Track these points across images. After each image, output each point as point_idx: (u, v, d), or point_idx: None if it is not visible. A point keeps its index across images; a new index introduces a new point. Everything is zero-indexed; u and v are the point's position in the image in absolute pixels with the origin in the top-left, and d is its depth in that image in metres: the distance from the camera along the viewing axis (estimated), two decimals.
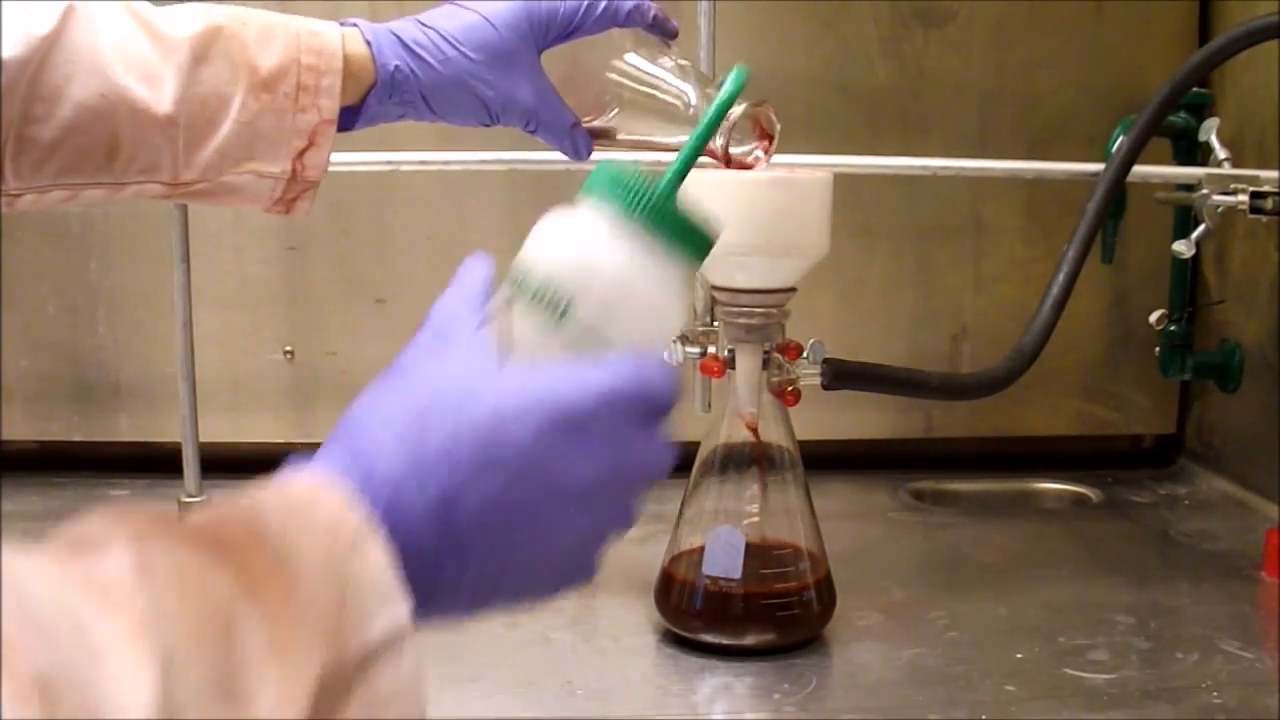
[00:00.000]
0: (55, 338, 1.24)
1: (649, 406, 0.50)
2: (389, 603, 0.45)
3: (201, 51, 0.69)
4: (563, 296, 0.51)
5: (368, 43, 0.75)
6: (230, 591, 0.41)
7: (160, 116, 0.68)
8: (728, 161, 0.76)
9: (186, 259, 1.10)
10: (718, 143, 0.76)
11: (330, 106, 0.73)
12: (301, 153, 0.73)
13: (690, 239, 0.54)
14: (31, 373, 1.24)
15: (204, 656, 0.39)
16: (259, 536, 0.43)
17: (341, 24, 0.76)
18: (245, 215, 1.23)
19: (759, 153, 0.78)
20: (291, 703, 0.41)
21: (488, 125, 0.79)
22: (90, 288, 1.23)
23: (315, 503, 0.46)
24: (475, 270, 0.53)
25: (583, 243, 0.53)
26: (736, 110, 0.75)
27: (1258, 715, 0.77)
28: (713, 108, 0.56)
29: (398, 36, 0.75)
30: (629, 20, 0.78)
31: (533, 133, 0.79)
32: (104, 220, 1.22)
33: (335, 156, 1.08)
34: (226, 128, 0.70)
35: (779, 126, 0.78)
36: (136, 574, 0.39)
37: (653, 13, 0.78)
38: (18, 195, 0.69)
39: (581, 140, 0.79)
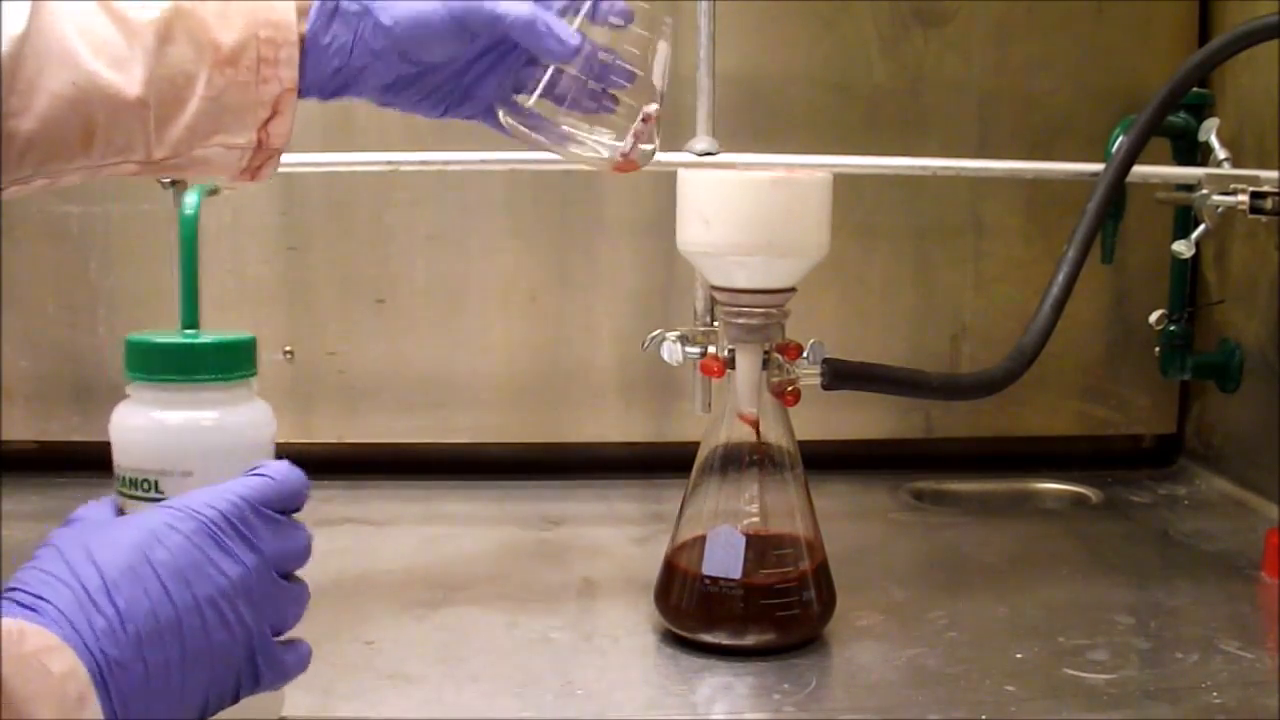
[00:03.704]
0: (55, 338, 1.24)
1: (280, 503, 0.62)
2: None
3: (165, 33, 0.71)
4: (150, 477, 0.67)
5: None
6: None
7: (131, 99, 0.70)
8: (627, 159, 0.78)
9: None
10: (619, 153, 0.78)
11: (290, 76, 0.74)
12: (266, 122, 0.75)
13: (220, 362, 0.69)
14: (31, 373, 1.24)
15: None
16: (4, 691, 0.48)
17: None
18: (245, 215, 1.23)
19: (644, 146, 0.78)
20: None
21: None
22: (90, 288, 1.23)
23: (47, 663, 0.52)
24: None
25: (142, 426, 0.69)
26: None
27: (1258, 715, 0.77)
28: None
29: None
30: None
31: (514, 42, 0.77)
32: (104, 220, 1.22)
33: (335, 157, 1.09)
34: (194, 105, 0.72)
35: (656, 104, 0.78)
36: None
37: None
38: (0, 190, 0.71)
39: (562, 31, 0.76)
